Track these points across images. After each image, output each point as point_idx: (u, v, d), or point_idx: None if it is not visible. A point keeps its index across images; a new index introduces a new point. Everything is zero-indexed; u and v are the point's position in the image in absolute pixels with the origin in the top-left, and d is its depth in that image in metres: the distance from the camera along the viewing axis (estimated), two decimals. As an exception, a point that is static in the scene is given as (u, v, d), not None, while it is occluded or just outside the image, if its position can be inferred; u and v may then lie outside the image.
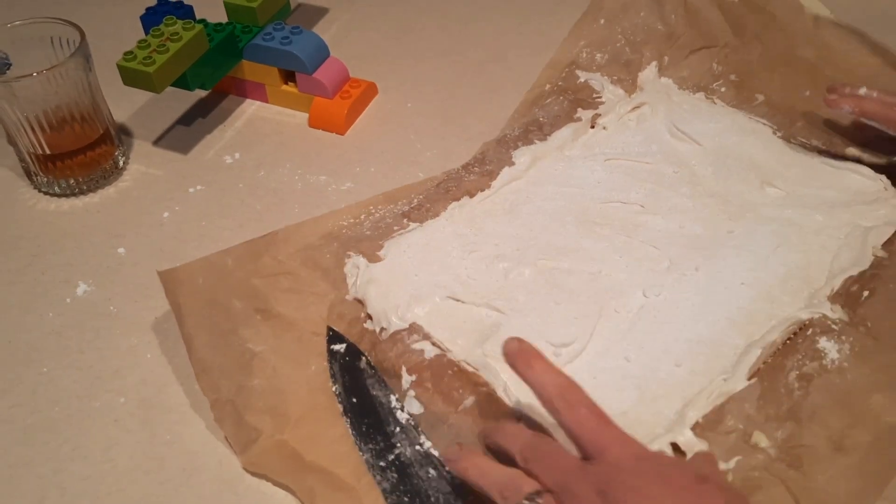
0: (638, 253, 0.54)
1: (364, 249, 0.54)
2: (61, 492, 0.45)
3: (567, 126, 0.64)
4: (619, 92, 0.68)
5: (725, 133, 0.64)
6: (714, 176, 0.60)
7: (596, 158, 0.62)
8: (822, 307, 0.49)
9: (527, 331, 0.49)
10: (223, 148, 0.67)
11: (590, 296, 0.52)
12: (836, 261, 0.53)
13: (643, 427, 0.45)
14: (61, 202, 0.62)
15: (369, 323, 0.51)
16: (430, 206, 0.58)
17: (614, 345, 0.49)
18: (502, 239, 0.56)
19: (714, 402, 0.45)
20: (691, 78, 0.69)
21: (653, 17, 0.72)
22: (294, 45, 0.66)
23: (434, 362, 0.48)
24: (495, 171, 0.60)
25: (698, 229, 0.56)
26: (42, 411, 0.48)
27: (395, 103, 0.71)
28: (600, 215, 0.57)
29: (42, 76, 0.56)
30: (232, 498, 0.44)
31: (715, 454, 0.42)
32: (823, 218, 0.56)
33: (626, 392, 0.47)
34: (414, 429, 0.45)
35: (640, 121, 0.65)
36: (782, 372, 0.46)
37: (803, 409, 0.44)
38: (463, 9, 0.82)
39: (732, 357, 0.48)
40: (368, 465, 0.43)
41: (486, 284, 0.53)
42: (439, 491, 0.42)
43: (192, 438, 0.47)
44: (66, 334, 0.53)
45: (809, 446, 0.43)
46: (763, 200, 0.58)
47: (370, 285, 0.52)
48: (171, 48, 0.60)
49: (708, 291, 0.52)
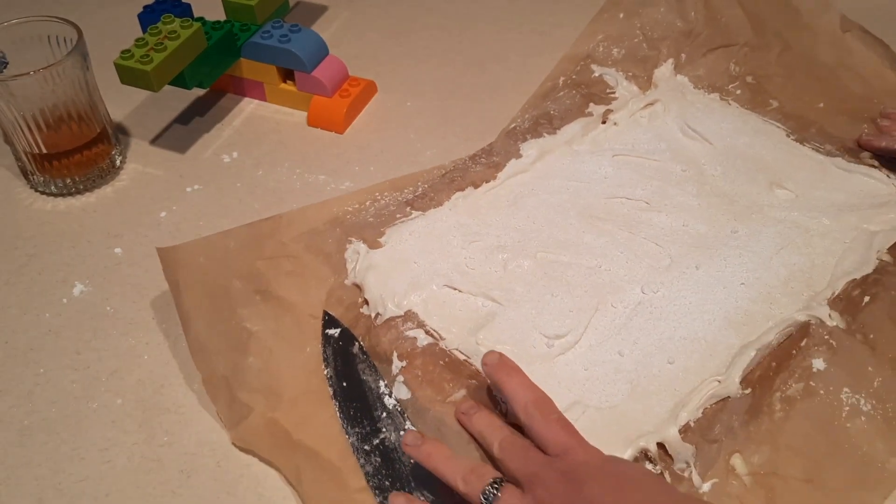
0: (639, 249, 0.54)
1: (366, 236, 0.55)
2: (59, 493, 0.44)
3: (577, 120, 0.64)
4: (633, 88, 0.67)
5: (738, 133, 0.63)
6: (723, 176, 0.60)
7: (604, 154, 0.62)
8: (820, 311, 0.49)
9: (521, 321, 0.50)
10: (221, 147, 0.66)
11: (587, 289, 0.52)
12: (840, 264, 0.53)
13: (632, 422, 0.45)
14: (58, 202, 0.62)
15: (366, 308, 0.51)
16: (434, 195, 0.58)
17: (608, 339, 0.49)
18: (504, 230, 0.56)
19: (705, 403, 0.45)
20: (707, 78, 0.69)
21: (672, 13, 0.71)
22: (293, 43, 0.66)
23: (426, 350, 0.48)
24: (502, 162, 0.61)
25: (702, 228, 0.56)
26: (39, 412, 0.48)
27: (395, 102, 0.71)
28: (604, 210, 0.57)
29: (39, 75, 0.55)
30: (230, 499, 0.44)
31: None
32: (830, 221, 0.56)
33: (618, 386, 0.47)
34: (400, 415, 0.46)
35: (651, 118, 0.65)
36: (770, 388, 0.46)
37: (782, 434, 0.44)
38: (463, 9, 0.82)
39: (727, 357, 0.48)
40: (354, 448, 0.44)
41: (485, 274, 0.53)
42: (420, 476, 0.43)
43: (191, 439, 0.47)
44: (64, 335, 0.52)
45: (783, 476, 0.42)
46: (770, 202, 0.58)
47: (369, 271, 0.52)
48: (168, 46, 0.60)
49: (707, 290, 0.52)
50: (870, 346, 0.47)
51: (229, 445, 0.46)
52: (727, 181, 0.60)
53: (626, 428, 0.44)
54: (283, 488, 0.44)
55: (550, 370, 0.48)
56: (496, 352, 0.45)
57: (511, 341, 0.49)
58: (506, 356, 0.45)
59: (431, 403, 0.46)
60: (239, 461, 0.46)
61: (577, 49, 0.70)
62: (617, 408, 0.46)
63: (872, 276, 0.51)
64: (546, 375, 0.47)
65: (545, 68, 0.71)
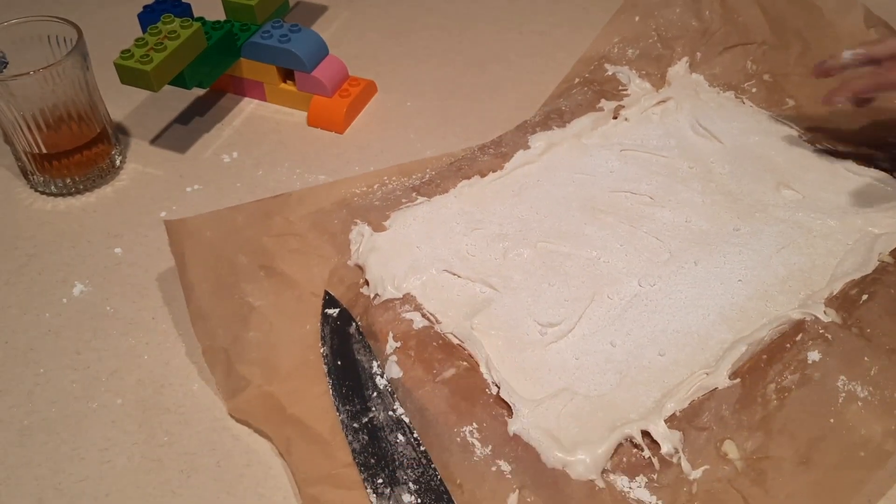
0: (639, 243, 0.55)
1: (371, 219, 0.56)
2: (59, 493, 0.44)
3: (587, 115, 0.64)
4: (646, 86, 0.68)
5: (749, 133, 0.63)
6: (730, 174, 0.60)
7: (612, 148, 0.62)
8: (815, 308, 0.49)
9: (517, 308, 0.51)
10: (221, 147, 0.66)
11: (584, 280, 0.53)
12: (841, 266, 0.53)
13: (617, 410, 0.46)
14: (58, 202, 0.62)
15: (366, 288, 0.52)
16: (440, 182, 0.59)
17: (602, 329, 0.50)
18: (507, 219, 0.57)
19: (693, 395, 0.46)
20: (723, 76, 0.69)
21: (688, 13, 0.71)
22: (293, 43, 0.66)
23: (421, 332, 0.49)
24: (510, 153, 0.61)
25: (704, 225, 0.56)
26: (39, 412, 0.48)
27: (395, 102, 0.71)
28: (607, 203, 0.58)
29: (39, 75, 0.55)
30: (230, 499, 0.44)
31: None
32: (834, 223, 0.56)
33: (607, 375, 0.47)
34: (390, 395, 0.47)
35: (664, 115, 0.65)
36: (763, 380, 0.46)
37: (776, 420, 0.44)
38: (463, 9, 0.82)
39: (717, 351, 0.48)
40: (343, 425, 0.45)
41: (485, 262, 0.54)
42: (405, 456, 0.44)
43: (190, 440, 0.47)
44: (64, 335, 0.52)
45: (776, 458, 0.43)
46: (776, 201, 0.58)
47: (372, 253, 0.53)
48: (168, 46, 0.60)
49: (703, 285, 0.52)
50: (866, 339, 0.47)
51: (229, 445, 0.46)
52: (734, 180, 0.60)
53: (611, 416, 0.45)
54: (283, 488, 0.44)
55: (542, 357, 0.48)
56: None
57: (505, 327, 0.50)
58: None
59: (422, 383, 0.47)
60: (239, 461, 0.46)
61: (593, 52, 0.70)
62: (604, 396, 0.46)
63: (871, 276, 0.51)
64: (537, 362, 0.48)
65: (545, 68, 0.71)
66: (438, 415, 0.45)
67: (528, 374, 0.47)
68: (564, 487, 0.42)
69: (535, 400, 0.46)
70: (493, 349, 0.48)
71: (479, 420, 0.45)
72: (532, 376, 0.47)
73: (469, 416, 0.45)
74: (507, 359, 0.48)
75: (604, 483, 0.42)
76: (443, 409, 0.45)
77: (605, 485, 0.42)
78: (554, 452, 0.43)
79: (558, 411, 0.45)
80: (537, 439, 0.44)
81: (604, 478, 0.43)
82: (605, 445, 0.43)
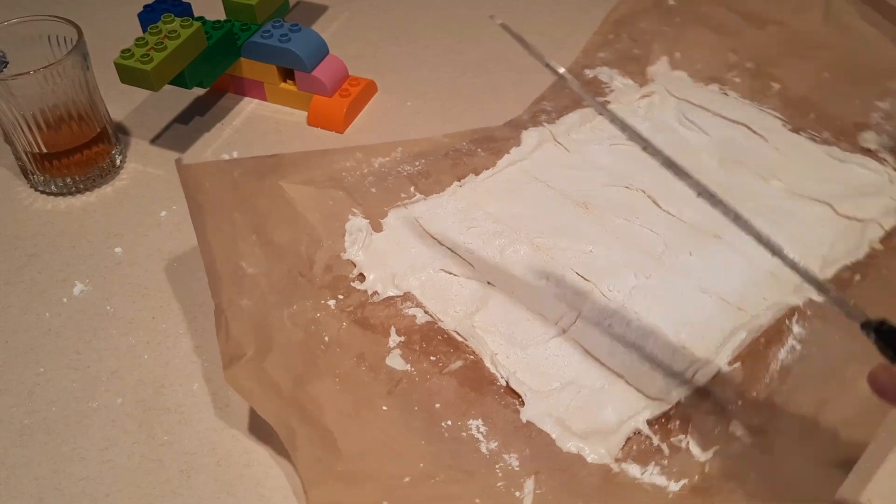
0: (635, 236, 0.55)
1: (368, 213, 0.56)
2: (59, 493, 0.44)
3: (575, 111, 0.65)
4: (629, 82, 0.68)
5: (734, 124, 0.64)
6: (719, 166, 0.61)
7: (602, 143, 0.63)
8: (810, 292, 0.50)
9: (516, 305, 0.51)
10: (221, 146, 0.66)
11: (582, 275, 0.53)
12: (831, 252, 0.54)
13: (624, 403, 0.46)
14: (58, 201, 0.62)
15: (358, 283, 0.52)
16: (436, 176, 0.59)
17: (602, 322, 0.50)
18: (502, 217, 0.57)
19: (696, 383, 0.46)
20: (706, 70, 0.69)
21: (660, 22, 0.73)
22: (293, 42, 0.66)
23: (425, 327, 0.50)
24: (502, 149, 0.61)
25: (697, 216, 0.57)
26: (39, 412, 0.48)
27: (395, 102, 0.71)
28: (602, 198, 0.58)
29: (39, 74, 0.55)
30: (230, 499, 0.44)
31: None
32: (823, 210, 0.57)
33: (610, 368, 0.48)
34: None
35: (649, 108, 0.66)
36: (764, 362, 0.47)
37: (780, 394, 0.45)
38: (463, 8, 0.82)
39: (718, 339, 0.49)
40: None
41: (482, 260, 0.54)
42: None
43: (191, 439, 0.47)
44: (64, 334, 0.52)
45: (783, 429, 0.43)
46: (764, 191, 0.59)
47: (368, 252, 0.54)
48: (168, 46, 0.60)
49: (700, 276, 0.53)
50: (862, 311, 0.48)
51: (229, 445, 0.46)
52: (723, 171, 0.60)
53: (618, 409, 0.46)
54: (283, 488, 0.44)
55: (545, 353, 0.49)
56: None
57: (506, 324, 0.50)
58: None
59: (430, 375, 0.47)
60: (239, 461, 0.46)
61: (573, 66, 0.71)
62: (609, 389, 0.47)
63: (864, 261, 0.52)
64: (540, 358, 0.48)
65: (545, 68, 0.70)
66: (448, 405, 0.45)
67: (532, 370, 0.48)
68: (580, 471, 0.43)
69: (543, 391, 0.46)
70: (498, 345, 0.49)
71: (489, 409, 0.46)
72: (536, 371, 0.48)
73: (479, 406, 0.46)
74: (511, 355, 0.49)
75: (619, 468, 0.43)
76: (452, 400, 0.46)
77: (620, 470, 0.43)
78: (569, 438, 0.44)
79: (567, 404, 0.46)
80: (551, 426, 0.45)
81: (617, 465, 0.43)
82: (616, 437, 0.44)
